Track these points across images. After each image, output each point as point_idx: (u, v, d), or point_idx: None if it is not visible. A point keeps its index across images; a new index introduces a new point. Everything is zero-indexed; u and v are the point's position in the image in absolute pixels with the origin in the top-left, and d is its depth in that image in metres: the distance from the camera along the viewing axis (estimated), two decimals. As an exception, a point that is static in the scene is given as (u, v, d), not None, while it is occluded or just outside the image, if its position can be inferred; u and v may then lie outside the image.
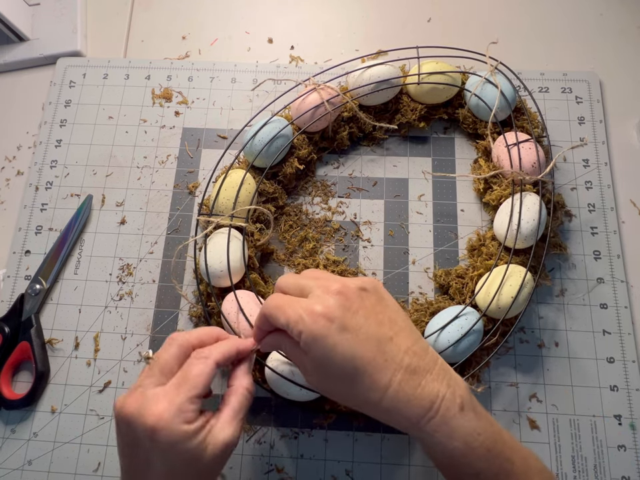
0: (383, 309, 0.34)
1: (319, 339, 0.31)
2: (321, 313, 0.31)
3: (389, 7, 0.63)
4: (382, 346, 0.32)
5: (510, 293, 0.44)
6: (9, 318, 0.49)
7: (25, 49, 0.61)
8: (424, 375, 0.32)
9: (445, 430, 0.31)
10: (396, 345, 0.32)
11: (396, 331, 0.33)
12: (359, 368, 0.31)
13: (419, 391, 0.31)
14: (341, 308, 0.32)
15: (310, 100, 0.51)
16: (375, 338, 0.32)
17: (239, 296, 0.45)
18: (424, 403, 0.31)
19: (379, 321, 0.33)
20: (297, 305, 0.32)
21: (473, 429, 0.32)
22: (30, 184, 0.55)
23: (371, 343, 0.32)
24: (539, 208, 0.46)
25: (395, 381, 0.31)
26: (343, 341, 0.31)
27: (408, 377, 0.31)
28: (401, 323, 0.34)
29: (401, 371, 0.31)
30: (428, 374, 0.32)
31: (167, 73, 0.60)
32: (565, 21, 0.62)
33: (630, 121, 0.57)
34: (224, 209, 0.48)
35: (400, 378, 0.31)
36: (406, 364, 0.32)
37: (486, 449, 0.32)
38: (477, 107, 0.52)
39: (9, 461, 0.46)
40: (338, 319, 0.31)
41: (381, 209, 0.53)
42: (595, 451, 0.45)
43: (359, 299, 0.33)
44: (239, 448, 0.46)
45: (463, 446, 0.31)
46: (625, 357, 0.47)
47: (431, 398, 0.31)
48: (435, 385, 0.32)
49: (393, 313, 0.34)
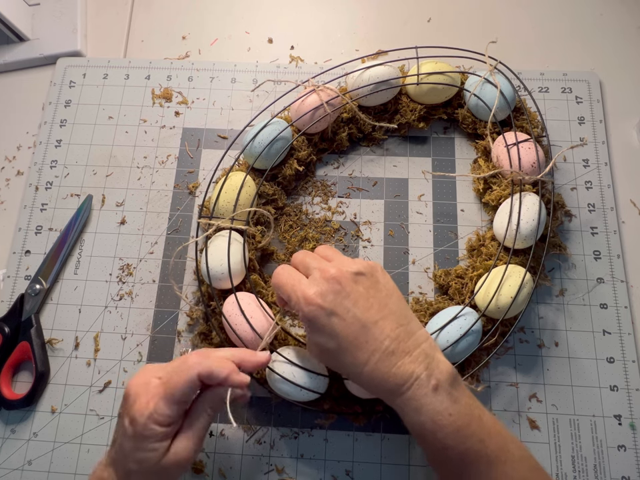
0: (375, 292, 0.37)
1: (311, 320, 0.36)
2: (314, 298, 0.36)
3: (389, 7, 0.63)
4: (365, 329, 0.36)
5: (509, 293, 0.44)
6: (9, 318, 0.49)
7: (25, 49, 0.61)
8: (402, 356, 0.35)
9: (413, 405, 0.35)
10: (379, 328, 0.36)
11: (383, 315, 0.36)
12: (341, 345, 0.36)
13: (394, 370, 0.35)
14: (332, 293, 0.36)
15: (309, 101, 0.51)
16: (359, 321, 0.36)
17: (240, 298, 0.45)
18: (397, 380, 0.35)
19: (367, 305, 0.36)
20: (298, 287, 0.37)
21: (444, 409, 0.34)
22: (30, 184, 0.55)
23: (355, 326, 0.36)
24: (538, 208, 0.46)
25: (372, 360, 0.35)
26: (330, 322, 0.36)
27: (385, 358, 0.35)
28: (391, 306, 0.37)
29: (379, 352, 0.35)
30: (407, 356, 0.35)
31: (167, 73, 0.60)
32: (564, 21, 0.62)
33: (630, 121, 0.57)
34: (224, 212, 0.48)
35: (377, 358, 0.35)
36: (385, 346, 0.35)
37: (455, 428, 0.34)
38: (476, 106, 0.52)
39: (9, 460, 0.46)
40: (328, 303, 0.36)
41: (381, 209, 0.53)
42: (595, 451, 0.45)
43: (352, 283, 0.37)
44: (239, 448, 0.46)
45: (430, 422, 0.34)
46: (624, 357, 0.47)
47: (405, 377, 0.35)
48: (411, 366, 0.35)
49: (385, 297, 0.37)
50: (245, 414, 0.47)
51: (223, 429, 0.46)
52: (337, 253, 0.41)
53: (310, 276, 0.38)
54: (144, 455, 0.35)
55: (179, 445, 0.35)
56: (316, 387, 0.43)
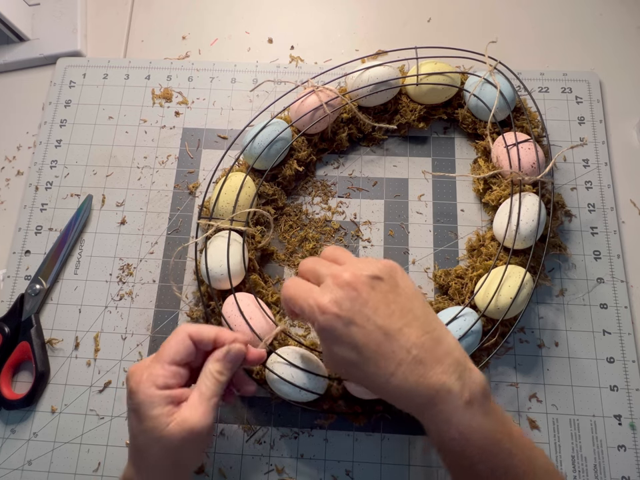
0: (396, 297, 0.34)
1: (327, 330, 0.33)
2: (329, 306, 0.33)
3: (389, 7, 0.63)
4: (389, 337, 0.32)
5: (509, 294, 0.44)
6: (9, 318, 0.49)
7: (25, 49, 0.61)
8: (432, 366, 0.32)
9: (443, 419, 0.32)
10: (404, 335, 0.32)
11: (407, 321, 0.33)
12: (364, 355, 0.32)
13: (424, 381, 0.31)
14: (349, 300, 0.33)
15: (309, 102, 0.51)
16: (382, 329, 0.32)
17: (239, 298, 0.45)
18: (427, 392, 0.31)
19: (389, 311, 0.33)
20: (310, 296, 0.34)
21: (476, 424, 0.32)
22: (30, 184, 0.55)
23: (377, 334, 0.32)
24: (538, 208, 0.46)
25: (400, 370, 0.32)
26: (349, 332, 0.32)
27: (413, 368, 0.32)
28: (415, 311, 0.34)
29: (406, 362, 0.32)
30: (438, 365, 0.32)
31: (167, 73, 0.60)
32: (564, 21, 0.62)
33: (630, 121, 0.57)
34: (224, 213, 0.48)
35: (405, 368, 0.32)
36: (413, 355, 0.32)
37: (487, 444, 0.32)
38: (476, 107, 0.52)
39: (9, 460, 0.46)
40: (345, 311, 0.32)
41: (381, 209, 0.53)
42: (595, 451, 0.45)
43: (369, 288, 0.33)
44: (238, 448, 0.46)
45: (460, 438, 0.32)
46: (624, 357, 0.47)
47: (436, 389, 0.31)
48: (442, 377, 0.32)
49: (406, 302, 0.34)
50: (245, 414, 0.47)
51: (223, 429, 0.46)
52: (347, 254, 0.37)
53: (322, 284, 0.34)
54: (147, 424, 0.33)
55: (183, 411, 0.34)
56: (315, 388, 0.43)
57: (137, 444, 0.35)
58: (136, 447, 0.35)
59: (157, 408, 0.33)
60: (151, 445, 0.34)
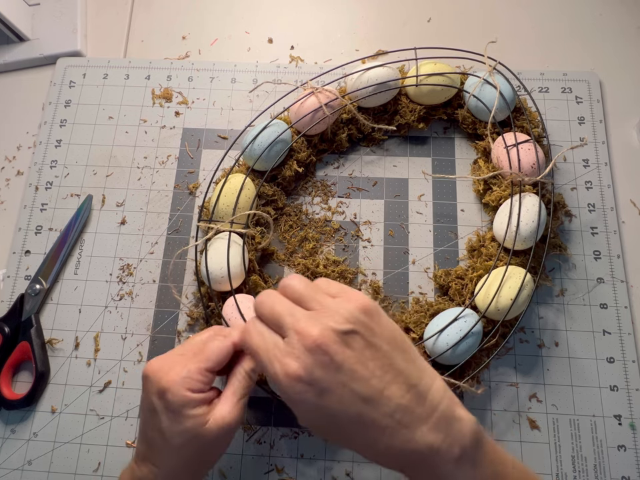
0: (374, 353, 0.29)
1: (297, 403, 0.30)
2: (298, 375, 0.28)
3: (389, 7, 0.63)
4: (369, 403, 0.29)
5: (509, 295, 0.44)
6: (9, 318, 0.49)
7: (25, 49, 0.61)
8: (418, 426, 0.29)
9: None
10: (386, 398, 0.29)
11: (388, 380, 0.29)
12: (343, 426, 0.29)
13: (409, 446, 0.29)
14: (320, 367, 0.28)
15: (308, 104, 0.51)
16: (361, 396, 0.28)
17: (239, 300, 0.45)
18: (415, 457, 0.29)
19: (368, 373, 0.29)
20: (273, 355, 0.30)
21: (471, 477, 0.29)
22: (30, 184, 0.55)
23: (356, 402, 0.28)
24: (538, 209, 0.46)
25: (384, 439, 0.29)
26: (324, 404, 0.29)
27: (397, 433, 0.29)
28: (398, 363, 0.29)
29: (390, 428, 0.29)
30: (423, 425, 0.29)
31: (167, 73, 0.60)
32: (564, 21, 0.62)
33: (630, 121, 0.57)
34: (224, 215, 0.48)
35: (388, 435, 0.29)
36: (397, 420, 0.29)
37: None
38: (476, 107, 0.52)
39: (9, 460, 0.46)
40: (316, 381, 0.28)
41: (381, 209, 0.53)
42: (595, 451, 0.45)
43: (342, 347, 0.29)
44: (238, 448, 0.46)
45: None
46: (624, 357, 0.47)
47: (423, 452, 0.29)
48: (429, 438, 0.29)
49: (386, 355, 0.29)
50: (245, 414, 0.47)
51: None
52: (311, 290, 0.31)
53: (286, 338, 0.30)
54: (184, 425, 0.33)
55: (220, 409, 0.34)
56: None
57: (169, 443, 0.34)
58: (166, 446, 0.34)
59: (194, 409, 0.33)
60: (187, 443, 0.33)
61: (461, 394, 0.47)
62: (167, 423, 0.33)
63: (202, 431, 0.33)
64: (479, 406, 0.46)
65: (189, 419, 0.33)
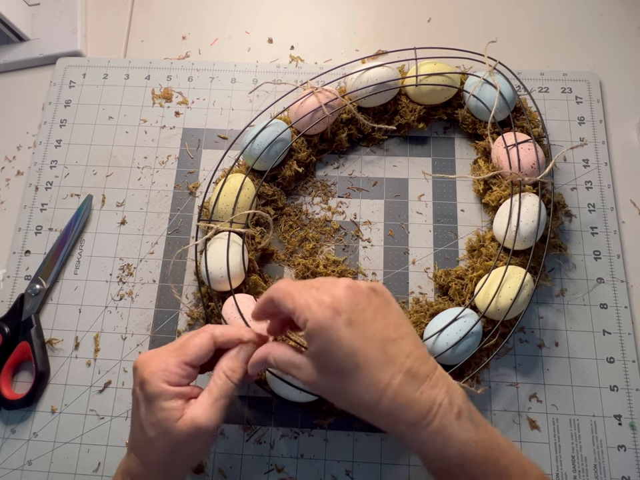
0: (389, 311, 0.34)
1: (324, 328, 0.31)
2: (329, 303, 0.31)
3: (389, 7, 0.63)
4: (385, 346, 0.32)
5: (509, 295, 0.44)
6: (9, 318, 0.49)
7: (25, 49, 0.61)
8: (424, 380, 0.32)
9: (440, 437, 0.31)
10: (399, 347, 0.32)
11: (400, 334, 0.33)
12: (360, 364, 0.31)
13: (418, 396, 0.31)
14: (349, 302, 0.32)
15: (308, 103, 0.51)
16: (379, 337, 0.32)
17: (239, 300, 0.45)
18: (422, 408, 0.31)
19: (386, 322, 0.33)
20: (307, 293, 0.33)
21: (469, 437, 0.31)
22: (30, 184, 0.55)
23: (375, 342, 0.31)
24: (538, 209, 0.46)
25: (394, 382, 0.31)
26: (347, 334, 0.31)
27: (408, 380, 0.31)
28: (405, 327, 0.34)
29: (401, 374, 0.31)
30: (427, 379, 0.32)
31: (167, 73, 0.60)
32: (564, 21, 0.62)
33: (630, 121, 0.57)
34: (223, 215, 0.48)
35: (400, 380, 0.31)
36: (407, 367, 0.31)
37: (482, 456, 0.31)
38: (476, 107, 0.52)
39: (9, 460, 0.46)
40: (345, 312, 0.31)
41: (381, 209, 0.53)
42: (595, 451, 0.45)
43: (368, 297, 0.33)
44: (239, 448, 0.46)
45: (458, 453, 0.31)
46: (624, 357, 0.47)
47: (429, 404, 0.31)
48: (434, 391, 0.32)
49: (398, 318, 0.34)
50: (245, 414, 0.47)
51: (223, 429, 0.46)
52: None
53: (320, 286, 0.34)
54: (157, 416, 0.34)
55: (193, 409, 0.34)
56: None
57: (144, 435, 0.35)
58: (143, 437, 0.35)
59: (168, 401, 0.34)
60: (158, 436, 0.34)
61: (460, 394, 0.47)
62: (143, 413, 0.35)
63: (173, 427, 0.33)
64: (479, 406, 0.46)
65: (162, 410, 0.34)
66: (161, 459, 0.35)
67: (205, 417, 0.34)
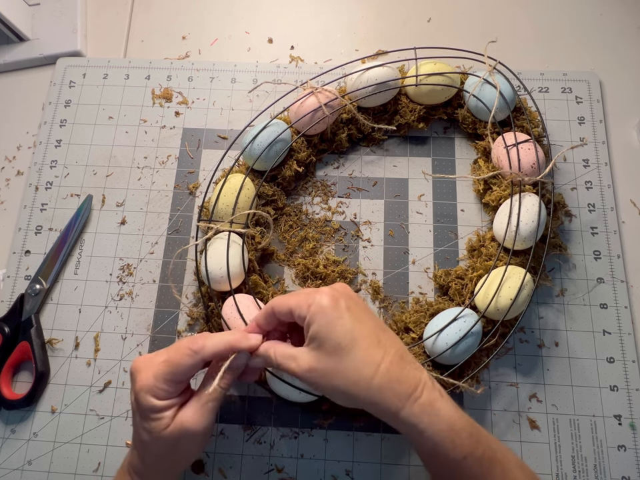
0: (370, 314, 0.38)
1: (326, 309, 0.35)
2: (329, 293, 0.36)
3: (389, 7, 0.63)
4: (377, 332, 0.36)
5: (509, 295, 0.44)
6: (9, 318, 0.49)
7: (25, 49, 0.61)
8: (409, 362, 0.36)
9: (430, 411, 0.34)
10: (388, 336, 0.37)
11: (387, 330, 0.37)
12: (356, 339, 0.35)
13: (407, 372, 0.35)
14: (344, 297, 0.37)
15: (308, 103, 0.51)
16: (371, 325, 0.36)
17: (239, 300, 0.45)
18: (412, 382, 0.34)
19: (374, 319, 0.37)
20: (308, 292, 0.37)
21: (454, 412, 0.34)
22: (30, 184, 0.55)
23: (368, 326, 0.36)
24: (538, 209, 0.46)
25: (387, 359, 0.35)
26: (346, 315, 0.35)
27: (398, 360, 0.35)
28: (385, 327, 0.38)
29: (391, 353, 0.35)
30: (412, 363, 0.36)
31: (167, 73, 0.60)
32: (564, 21, 0.62)
33: (630, 121, 0.57)
34: (223, 215, 0.48)
35: (391, 358, 0.35)
36: (395, 349, 0.36)
37: (468, 432, 0.34)
38: (476, 107, 0.52)
39: (9, 460, 0.46)
40: (343, 300, 0.36)
41: (381, 209, 0.53)
42: (595, 451, 0.45)
43: (357, 298, 0.38)
44: (239, 448, 0.46)
45: (447, 428, 0.34)
46: (624, 357, 0.47)
47: (417, 380, 0.35)
48: (417, 373, 0.35)
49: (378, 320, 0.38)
50: (245, 414, 0.47)
51: (223, 429, 0.46)
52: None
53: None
54: (149, 424, 0.36)
55: (183, 415, 0.36)
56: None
57: (140, 437, 0.37)
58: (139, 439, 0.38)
59: (157, 414, 0.36)
60: (152, 441, 0.37)
61: (460, 394, 0.47)
62: (138, 420, 0.37)
63: (163, 434, 0.36)
64: (479, 406, 0.46)
65: (152, 421, 0.36)
66: (155, 460, 0.38)
67: (192, 421, 0.36)
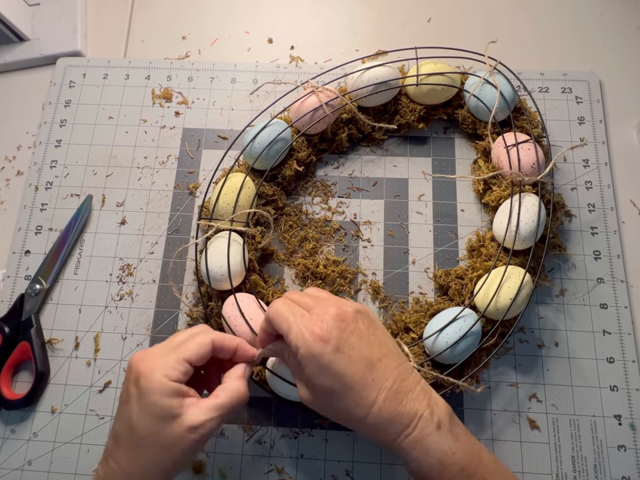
0: (374, 330, 0.37)
1: (315, 356, 0.34)
2: (319, 334, 0.35)
3: (389, 7, 0.63)
4: (370, 366, 0.35)
5: (508, 295, 0.44)
6: (9, 318, 0.49)
7: (25, 49, 0.61)
8: (406, 394, 0.35)
9: (420, 446, 0.34)
10: (383, 365, 0.35)
11: (384, 353, 0.36)
12: (347, 385, 0.34)
13: (400, 409, 0.34)
14: (337, 329, 0.35)
15: (309, 103, 0.51)
16: (365, 359, 0.35)
17: (239, 299, 0.45)
18: (404, 419, 0.34)
19: (370, 342, 0.36)
20: (300, 320, 0.36)
21: (447, 447, 0.34)
22: (30, 184, 0.55)
23: (361, 363, 0.35)
24: (537, 209, 0.46)
25: (379, 399, 0.34)
26: (336, 360, 0.34)
27: (392, 396, 0.34)
28: (389, 345, 0.37)
29: (385, 390, 0.34)
30: (410, 393, 0.35)
31: (167, 73, 0.60)
32: (564, 21, 0.62)
33: (630, 121, 0.57)
34: (224, 214, 0.48)
35: (384, 396, 0.34)
36: (390, 384, 0.35)
37: (460, 467, 0.34)
38: (476, 107, 0.52)
39: (9, 460, 0.46)
40: (334, 339, 0.35)
41: (381, 209, 0.53)
42: (595, 451, 0.45)
43: (354, 321, 0.36)
44: (239, 448, 0.46)
45: (437, 462, 0.34)
46: (624, 357, 0.47)
47: (411, 415, 0.34)
48: (415, 404, 0.35)
49: (382, 336, 0.37)
50: (245, 414, 0.47)
51: (223, 429, 0.46)
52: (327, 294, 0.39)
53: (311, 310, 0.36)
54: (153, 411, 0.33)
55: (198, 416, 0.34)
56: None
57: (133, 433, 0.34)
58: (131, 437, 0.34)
59: (167, 398, 0.33)
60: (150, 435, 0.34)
61: (460, 393, 0.47)
62: (136, 411, 0.34)
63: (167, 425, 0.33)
64: (478, 406, 0.46)
65: (158, 407, 0.33)
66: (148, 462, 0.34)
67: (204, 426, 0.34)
